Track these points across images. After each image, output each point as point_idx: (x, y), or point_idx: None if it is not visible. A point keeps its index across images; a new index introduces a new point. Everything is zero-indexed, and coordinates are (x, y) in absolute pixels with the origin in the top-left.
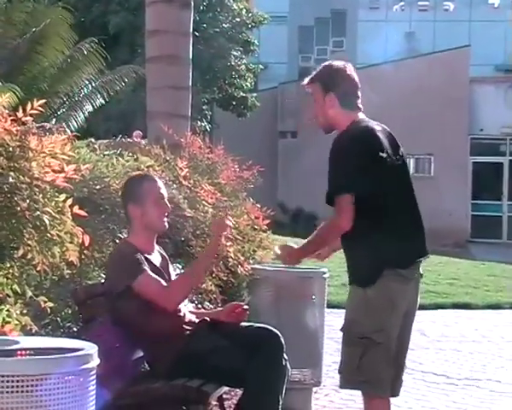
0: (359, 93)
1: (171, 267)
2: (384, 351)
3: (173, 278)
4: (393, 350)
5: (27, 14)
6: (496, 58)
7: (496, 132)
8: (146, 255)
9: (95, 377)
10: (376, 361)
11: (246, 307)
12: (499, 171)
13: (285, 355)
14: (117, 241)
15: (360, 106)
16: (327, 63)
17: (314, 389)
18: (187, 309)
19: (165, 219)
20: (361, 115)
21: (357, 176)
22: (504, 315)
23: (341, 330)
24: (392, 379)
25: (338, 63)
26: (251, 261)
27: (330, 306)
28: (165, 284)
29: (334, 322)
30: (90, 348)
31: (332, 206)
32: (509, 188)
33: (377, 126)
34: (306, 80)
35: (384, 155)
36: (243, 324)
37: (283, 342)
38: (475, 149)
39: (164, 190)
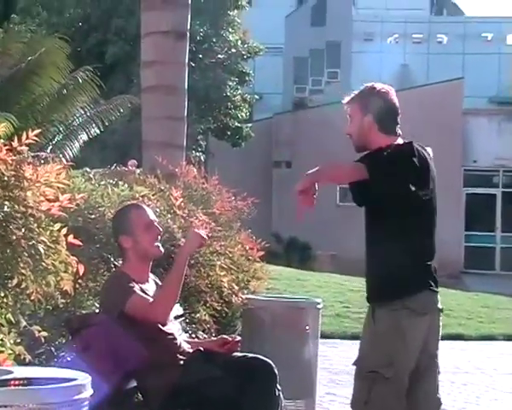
0: (399, 119)
1: None
2: (393, 386)
3: None
4: (405, 385)
5: (24, 45)
6: (489, 90)
7: (489, 164)
8: (140, 285)
9: (87, 407)
10: (384, 396)
11: (238, 338)
12: (492, 202)
13: (278, 386)
14: (112, 270)
15: (399, 132)
16: (369, 85)
17: None
18: (181, 339)
19: (158, 243)
20: (400, 141)
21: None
22: (498, 346)
23: (354, 363)
24: None
25: (380, 86)
26: (245, 291)
27: (324, 336)
28: (151, 300)
29: (327, 352)
30: (84, 379)
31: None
32: (502, 219)
33: (417, 157)
34: (347, 99)
35: (413, 188)
36: (237, 354)
37: (277, 372)
38: (469, 180)
39: (152, 215)
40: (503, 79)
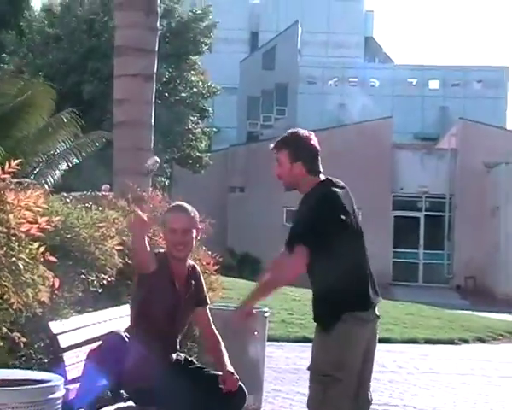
0: (320, 158)
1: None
2: (345, 386)
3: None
4: (355, 385)
5: (16, 88)
6: (414, 127)
7: (414, 191)
8: (174, 277)
9: (60, 405)
10: (338, 396)
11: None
12: (416, 224)
13: None
14: (86, 283)
15: (321, 169)
16: (294, 131)
17: None
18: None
19: (178, 252)
20: (322, 177)
21: (315, 232)
22: (420, 349)
23: (308, 368)
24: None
25: (303, 133)
26: None
27: (271, 339)
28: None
29: (273, 354)
30: (57, 380)
31: (291, 249)
32: (424, 239)
33: (339, 190)
34: (273, 145)
35: (344, 217)
36: (200, 365)
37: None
38: (396, 204)
39: (184, 223)
40: (425, 118)
